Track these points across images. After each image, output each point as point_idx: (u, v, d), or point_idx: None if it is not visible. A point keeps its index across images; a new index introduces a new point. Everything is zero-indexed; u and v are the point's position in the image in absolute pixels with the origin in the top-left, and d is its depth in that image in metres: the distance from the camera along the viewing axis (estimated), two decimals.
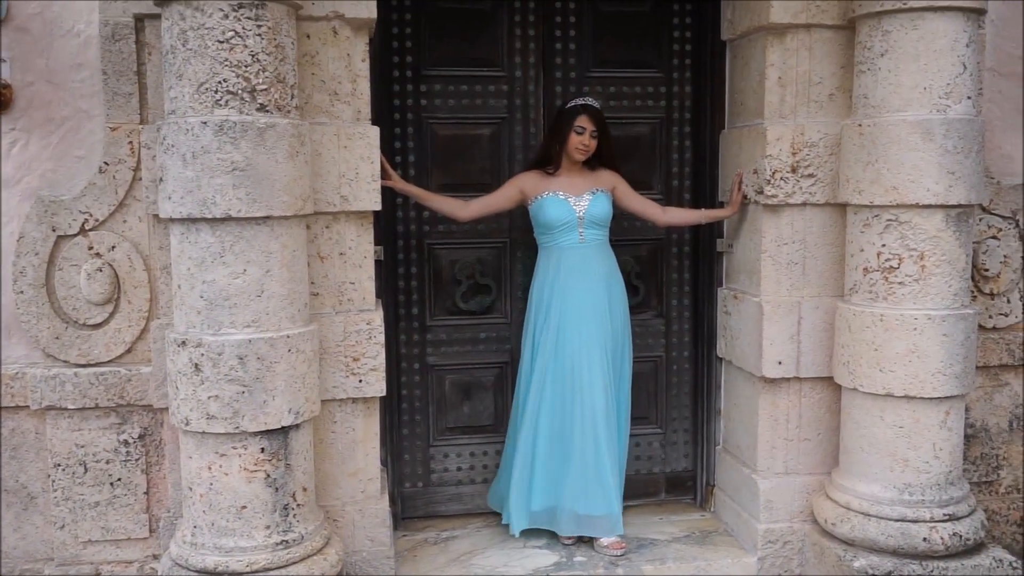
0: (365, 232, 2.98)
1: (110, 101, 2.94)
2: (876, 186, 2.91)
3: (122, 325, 3.02)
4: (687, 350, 3.80)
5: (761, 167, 3.18)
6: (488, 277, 3.65)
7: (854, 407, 3.06)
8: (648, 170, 3.69)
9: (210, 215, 2.51)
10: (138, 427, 3.06)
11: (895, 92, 2.87)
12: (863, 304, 3.00)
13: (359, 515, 3.07)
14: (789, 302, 3.22)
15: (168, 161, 2.55)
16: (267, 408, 2.59)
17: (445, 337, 3.65)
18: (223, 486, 2.62)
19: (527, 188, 3.35)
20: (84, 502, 3.05)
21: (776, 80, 3.15)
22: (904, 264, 2.91)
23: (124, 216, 2.99)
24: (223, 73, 2.48)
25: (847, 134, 3.02)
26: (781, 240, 3.21)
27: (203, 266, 2.55)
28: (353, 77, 2.89)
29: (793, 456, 3.30)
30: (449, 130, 3.55)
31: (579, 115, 3.27)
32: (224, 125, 2.48)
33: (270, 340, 2.58)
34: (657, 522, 3.66)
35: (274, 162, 2.54)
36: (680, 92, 3.66)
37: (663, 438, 3.84)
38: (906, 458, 2.96)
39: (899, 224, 2.90)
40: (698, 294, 3.75)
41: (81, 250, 2.98)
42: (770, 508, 3.29)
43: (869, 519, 2.98)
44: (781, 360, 3.23)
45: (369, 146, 2.91)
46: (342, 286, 2.97)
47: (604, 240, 3.38)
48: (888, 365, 2.93)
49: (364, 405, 3.05)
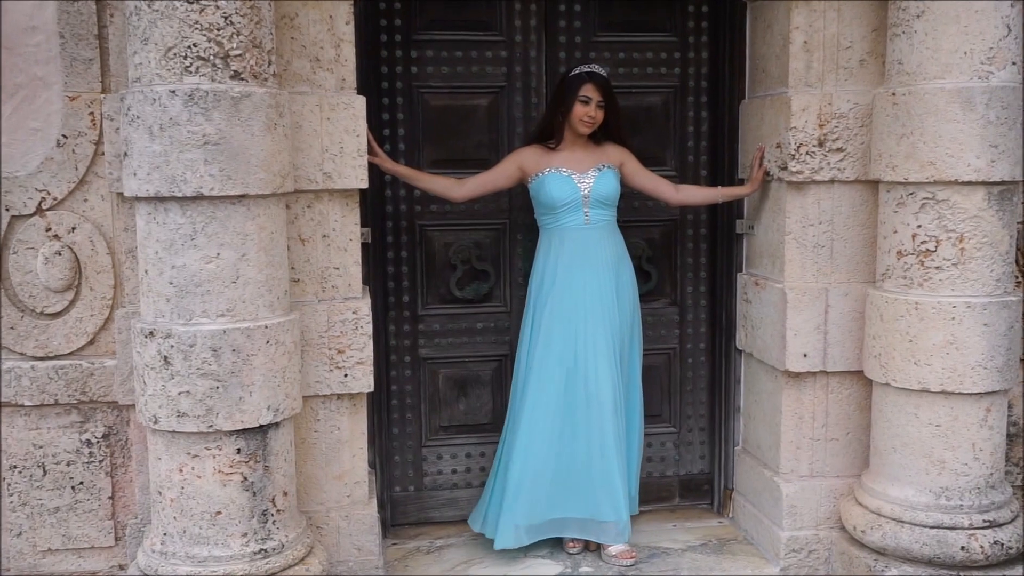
0: (350, 212, 2.98)
1: (68, 68, 2.92)
2: (911, 161, 2.91)
3: (84, 314, 3.01)
4: (703, 342, 3.80)
5: (785, 140, 3.17)
6: (486, 262, 3.65)
7: (886, 404, 3.06)
8: (660, 144, 3.69)
9: (180, 193, 2.50)
10: (102, 426, 3.06)
11: (932, 57, 2.86)
12: (897, 291, 3.00)
13: (345, 522, 3.08)
14: (815, 289, 3.22)
15: (133, 134, 2.54)
16: (243, 405, 2.59)
17: (439, 327, 3.65)
18: (195, 490, 2.62)
19: (527, 165, 3.34)
20: (43, 507, 3.05)
21: (801, 44, 3.14)
22: (942, 247, 2.90)
23: (85, 194, 2.98)
24: (193, 37, 2.47)
25: (879, 104, 3.01)
26: (807, 221, 3.21)
27: (172, 249, 2.55)
28: (336, 42, 2.89)
29: (819, 457, 3.31)
30: (442, 100, 3.55)
31: (584, 84, 3.25)
32: (194, 94, 2.47)
33: (246, 331, 2.58)
34: (671, 529, 3.67)
35: (250, 135, 2.53)
36: (696, 58, 3.66)
37: (677, 438, 3.84)
38: (943, 459, 2.96)
39: (936, 203, 2.89)
40: (715, 280, 3.75)
41: (38, 232, 2.96)
42: (794, 514, 3.30)
43: (902, 526, 2.98)
44: (806, 352, 3.23)
45: (354, 118, 2.91)
46: (325, 271, 2.97)
47: (611, 221, 3.36)
48: (924, 358, 2.93)
49: (350, 402, 3.05)
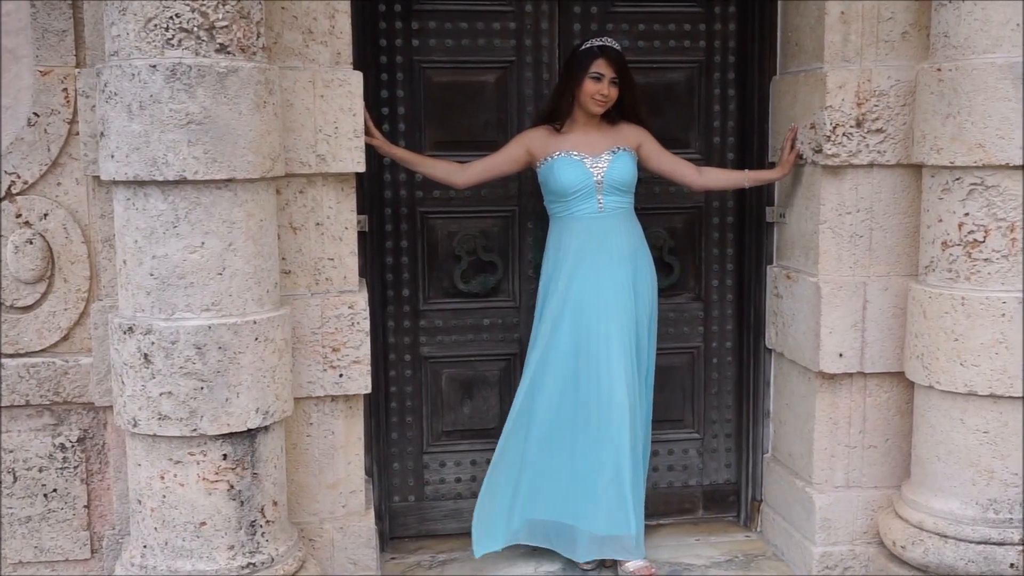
0: (346, 198, 2.99)
1: (40, 40, 2.93)
2: (958, 143, 2.90)
3: (57, 308, 3.02)
4: (730, 340, 3.81)
5: (819, 120, 3.17)
6: (493, 252, 3.67)
7: (929, 408, 3.06)
8: (684, 124, 3.69)
9: (161, 177, 2.51)
10: (77, 429, 3.08)
11: (982, 29, 2.84)
12: (941, 285, 2.99)
13: (339, 534, 3.10)
14: (852, 283, 3.22)
15: (111, 112, 2.55)
16: (230, 407, 2.61)
17: (442, 324, 3.67)
18: (178, 499, 2.63)
19: (535, 148, 3.34)
20: (13, 517, 3.07)
21: (838, 16, 3.14)
22: (991, 237, 2.89)
23: (58, 178, 3.00)
24: (176, 6, 2.48)
25: (923, 80, 3.01)
26: (843, 208, 3.21)
27: (153, 238, 2.56)
28: (331, 12, 2.90)
29: (856, 466, 3.32)
30: (446, 76, 3.55)
31: (596, 59, 3.25)
32: (177, 69, 2.48)
33: (233, 326, 2.59)
34: (693, 544, 3.68)
35: (237, 114, 2.54)
36: (723, 31, 3.65)
37: (701, 445, 3.85)
38: (991, 469, 2.96)
39: (985, 189, 2.88)
40: (743, 273, 3.76)
41: (7, 218, 2.98)
42: (828, 528, 3.31)
43: (946, 541, 2.98)
44: (842, 352, 3.23)
45: (350, 95, 2.92)
46: (319, 263, 2.98)
47: (628, 208, 3.37)
48: (971, 358, 2.92)
49: (345, 404, 3.07)
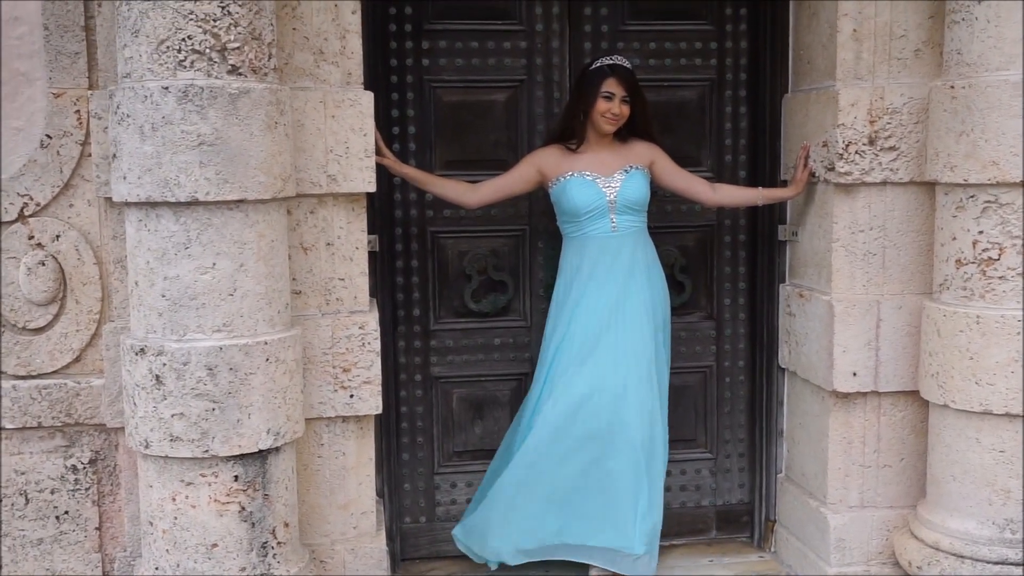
0: (357, 218, 3.01)
1: (53, 62, 2.96)
2: (972, 161, 2.90)
3: (69, 329, 3.04)
4: (742, 359, 3.81)
5: (832, 138, 3.18)
6: (503, 272, 3.66)
7: (944, 427, 3.06)
8: (695, 142, 3.71)
9: (173, 198, 2.53)
10: (88, 450, 3.08)
11: (996, 47, 2.85)
12: (956, 303, 3.00)
13: (351, 555, 3.10)
14: (866, 301, 3.23)
15: (123, 134, 2.57)
16: (241, 428, 2.62)
17: (452, 344, 3.67)
18: (190, 521, 2.64)
19: (546, 168, 3.33)
20: (25, 539, 3.08)
21: (850, 33, 3.15)
22: (1006, 255, 2.89)
23: (71, 199, 3.01)
24: (188, 28, 2.50)
25: (936, 98, 3.02)
26: (856, 226, 3.22)
27: (165, 259, 2.57)
28: (342, 32, 2.92)
29: (870, 486, 3.32)
30: (456, 96, 3.57)
31: (606, 78, 3.25)
32: (189, 91, 2.50)
33: (245, 347, 2.61)
34: (707, 564, 3.68)
35: (248, 135, 2.56)
36: (734, 49, 3.66)
37: (714, 464, 3.85)
38: (1008, 488, 2.96)
39: (999, 207, 2.89)
40: (756, 292, 3.76)
41: (20, 240, 2.99)
42: (842, 548, 3.30)
43: (963, 561, 2.98)
44: (856, 371, 3.24)
45: (361, 115, 2.94)
46: (330, 283, 2.99)
47: (641, 227, 3.36)
48: (986, 377, 2.93)
49: (356, 425, 3.08)
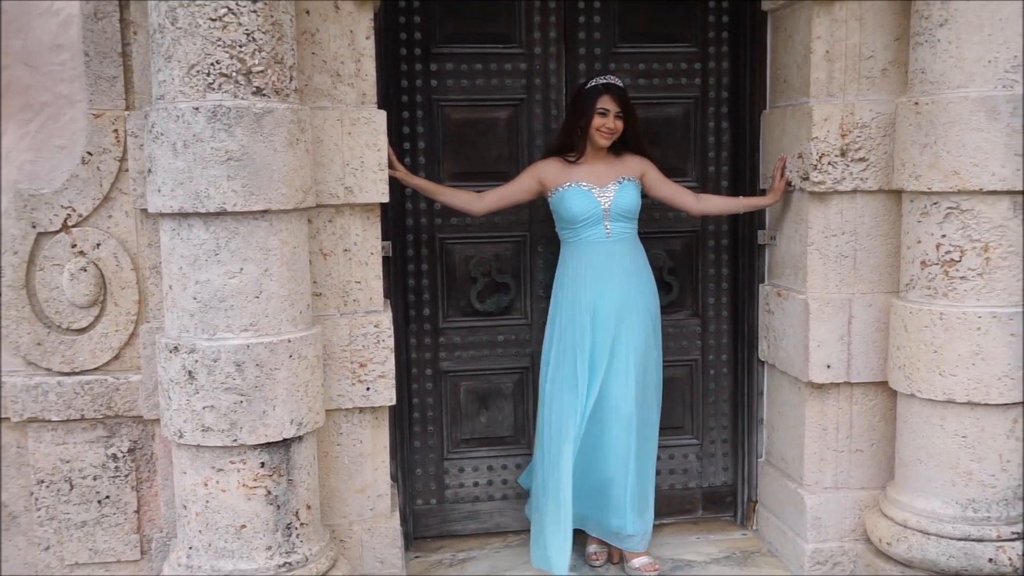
0: (371, 226, 3.01)
1: (93, 85, 2.96)
2: (935, 171, 2.90)
3: (109, 329, 3.05)
4: (725, 353, 3.81)
5: (807, 150, 3.19)
6: (506, 274, 3.68)
7: (911, 415, 3.06)
8: (681, 155, 3.70)
9: (203, 209, 2.53)
10: (127, 440, 3.10)
11: (956, 66, 2.85)
12: (921, 301, 3.00)
13: (368, 535, 3.11)
14: (838, 299, 3.23)
15: (157, 151, 2.57)
16: (267, 419, 2.63)
17: (459, 340, 3.68)
18: (220, 504, 2.65)
19: (546, 178, 3.35)
20: (70, 522, 3.09)
21: (823, 54, 3.15)
22: (966, 257, 2.90)
23: (109, 211, 3.02)
24: (216, 54, 2.51)
25: (902, 113, 3.02)
26: (829, 231, 3.22)
27: (196, 265, 2.58)
28: (357, 56, 2.92)
29: (843, 469, 3.32)
30: (462, 113, 3.58)
31: (601, 95, 3.25)
32: (217, 111, 2.50)
33: (270, 345, 2.61)
34: (694, 542, 3.69)
35: (272, 151, 2.57)
36: (716, 69, 3.66)
37: (700, 450, 3.85)
38: (969, 471, 2.96)
39: (961, 212, 2.89)
40: (737, 291, 3.76)
41: (63, 248, 3.01)
42: (818, 526, 3.31)
43: (928, 538, 2.99)
44: (830, 363, 3.24)
45: (375, 132, 2.94)
46: (347, 285, 3.00)
47: (633, 233, 3.38)
48: (949, 368, 2.93)
49: (372, 415, 3.08)
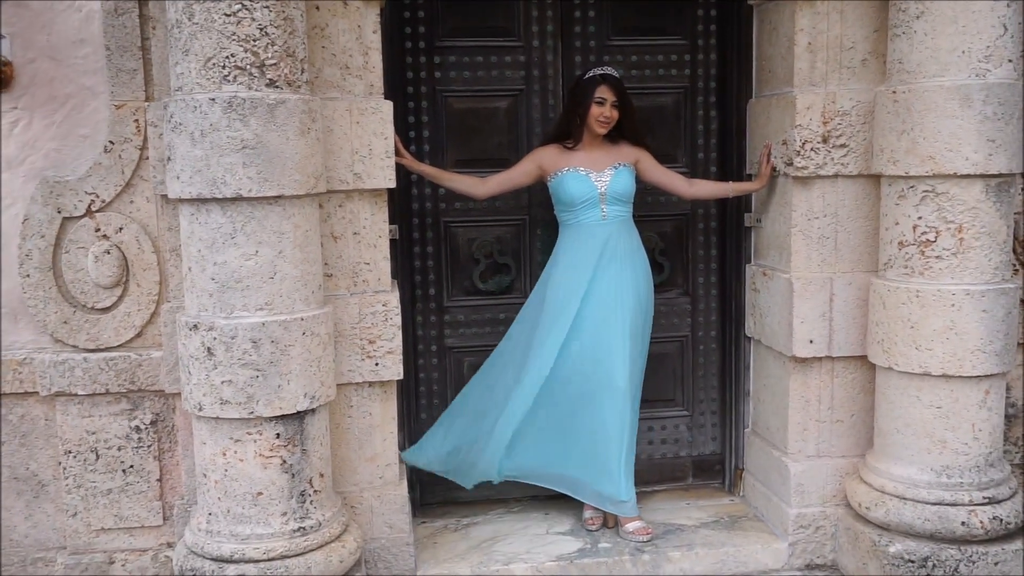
0: (379, 210, 3.03)
1: (114, 78, 2.99)
2: (912, 156, 2.92)
3: (131, 309, 3.09)
4: (714, 329, 3.84)
5: (791, 137, 3.21)
6: (507, 256, 3.70)
7: (889, 387, 3.09)
8: (672, 142, 3.71)
9: (220, 195, 2.56)
10: (150, 413, 3.14)
11: (932, 56, 2.87)
12: (898, 280, 3.02)
13: (377, 501, 3.15)
14: (820, 278, 3.25)
15: (176, 140, 2.60)
16: (282, 392, 2.66)
17: (463, 318, 3.71)
18: (238, 472, 2.69)
19: (546, 163, 3.38)
20: (96, 489, 3.14)
21: (806, 46, 3.16)
22: (941, 237, 2.92)
23: (131, 197, 3.05)
24: (231, 48, 2.53)
25: (881, 101, 3.03)
26: (812, 214, 3.24)
27: (214, 247, 2.61)
28: (365, 50, 2.94)
29: (825, 438, 3.35)
30: (465, 103, 3.59)
31: (598, 85, 3.27)
32: (233, 102, 2.53)
33: (284, 323, 2.64)
34: (684, 507, 3.72)
35: (285, 139, 2.59)
36: (705, 60, 3.68)
37: (690, 421, 3.89)
38: (944, 439, 2.99)
39: (936, 195, 2.91)
40: (725, 271, 3.79)
41: (88, 232, 3.04)
42: (801, 492, 3.34)
43: (905, 503, 3.02)
44: (812, 339, 3.26)
45: (382, 121, 2.96)
46: (357, 266, 3.03)
47: (628, 216, 3.40)
48: (925, 343, 2.96)
49: (381, 389, 3.12)
